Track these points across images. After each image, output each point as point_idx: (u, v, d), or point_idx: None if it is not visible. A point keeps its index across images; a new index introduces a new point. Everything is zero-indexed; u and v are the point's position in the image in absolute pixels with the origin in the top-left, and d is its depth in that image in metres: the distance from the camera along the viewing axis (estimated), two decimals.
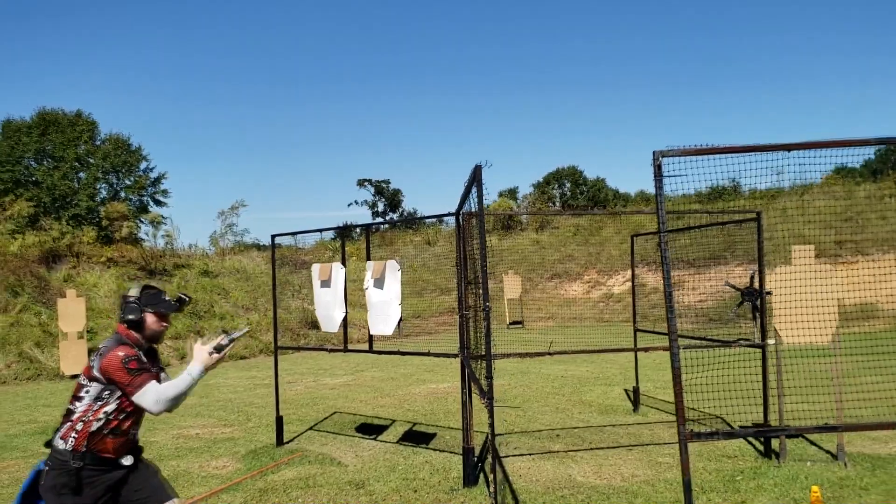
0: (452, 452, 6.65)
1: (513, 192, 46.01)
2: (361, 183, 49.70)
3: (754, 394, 6.17)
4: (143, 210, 29.27)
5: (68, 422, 3.02)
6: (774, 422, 6.20)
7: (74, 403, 3.04)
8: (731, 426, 7.29)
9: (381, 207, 49.98)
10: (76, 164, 28.36)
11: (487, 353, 4.02)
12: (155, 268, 21.18)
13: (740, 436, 6.81)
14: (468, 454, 5.63)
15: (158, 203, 30.64)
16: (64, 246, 20.02)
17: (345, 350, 6.99)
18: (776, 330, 5.99)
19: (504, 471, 6.03)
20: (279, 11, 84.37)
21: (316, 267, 7.37)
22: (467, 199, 5.02)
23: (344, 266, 7.10)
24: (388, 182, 49.82)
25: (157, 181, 30.86)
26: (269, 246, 7.97)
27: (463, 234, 5.79)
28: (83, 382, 3.05)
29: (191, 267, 22.21)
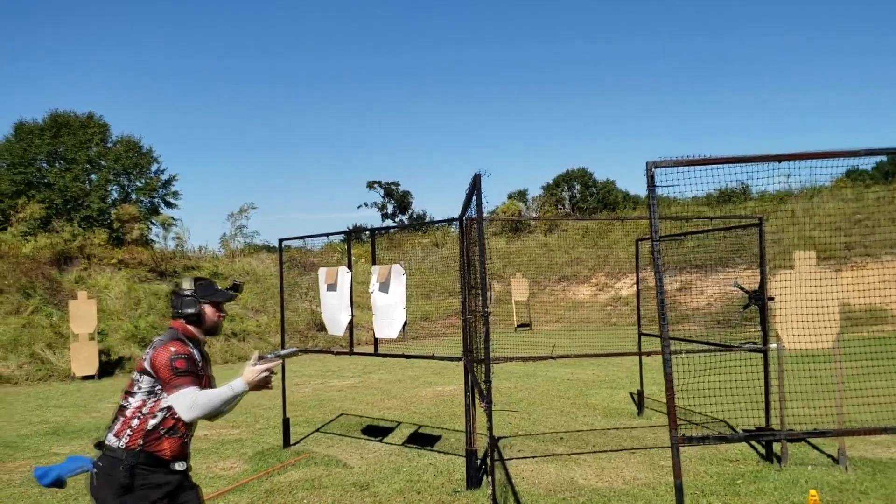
0: (456, 455, 6.72)
1: (522, 194, 45.94)
2: (371, 185, 49.88)
3: (757, 398, 6.20)
4: (154, 212, 29.46)
5: (122, 417, 2.89)
6: (776, 426, 6.23)
7: (127, 399, 2.92)
8: (735, 430, 7.32)
9: (391, 209, 50.12)
10: (88, 167, 28.54)
11: (486, 358, 4.11)
12: (165, 270, 21.40)
13: (732, 440, 6.85)
14: (471, 457, 5.71)
15: (169, 205, 30.85)
16: (75, 248, 20.26)
17: (350, 353, 7.07)
18: (778, 334, 6.03)
19: (507, 473, 6.10)
20: (279, 11, 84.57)
21: (322, 271, 7.47)
22: (469, 206, 5.10)
23: (350, 270, 7.20)
24: (398, 184, 49.97)
25: (168, 183, 31.01)
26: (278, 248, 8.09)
27: (466, 240, 5.87)
28: (135, 377, 2.94)
29: (201, 269, 22.39)
